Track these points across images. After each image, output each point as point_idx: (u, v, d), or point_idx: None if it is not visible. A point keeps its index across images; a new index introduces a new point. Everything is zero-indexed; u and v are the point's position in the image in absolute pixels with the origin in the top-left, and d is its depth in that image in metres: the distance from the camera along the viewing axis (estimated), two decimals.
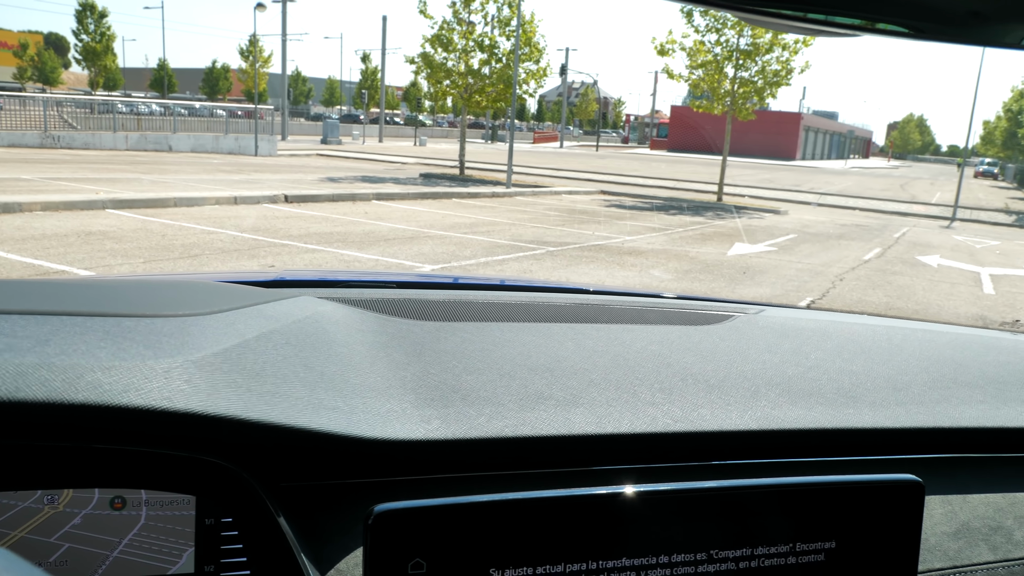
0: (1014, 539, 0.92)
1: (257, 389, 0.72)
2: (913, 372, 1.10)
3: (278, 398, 0.72)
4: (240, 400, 0.69)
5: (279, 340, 0.81)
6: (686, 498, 0.66)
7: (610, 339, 1.02)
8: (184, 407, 0.66)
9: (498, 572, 0.61)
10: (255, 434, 0.69)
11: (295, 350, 0.81)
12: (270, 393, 0.72)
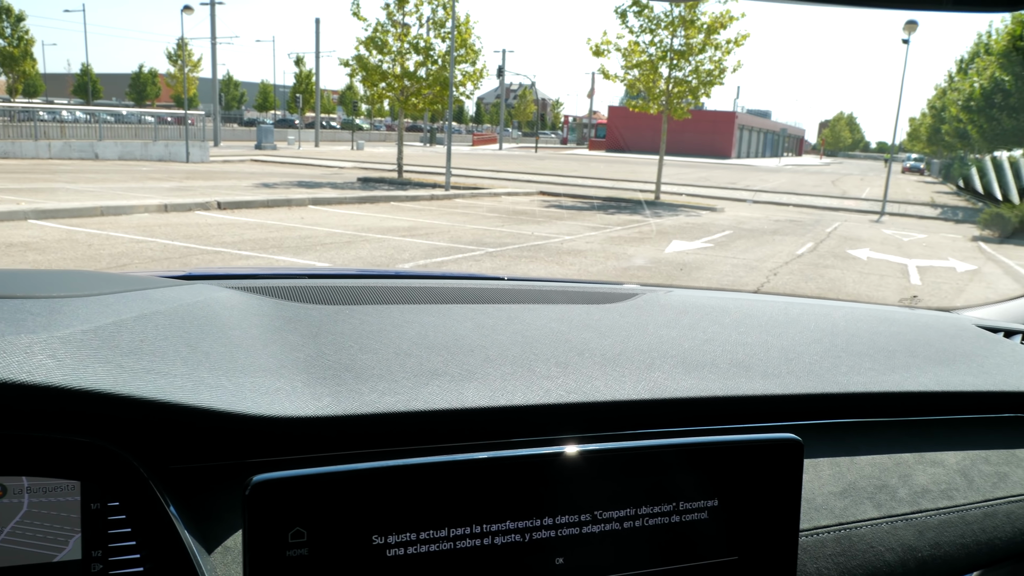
0: (898, 496, 0.96)
1: (131, 366, 0.70)
2: (806, 343, 1.13)
3: (154, 375, 0.70)
4: (110, 375, 0.67)
5: (161, 321, 0.79)
6: (568, 462, 0.67)
7: (510, 318, 1.03)
8: (45, 380, 0.64)
9: (381, 538, 0.61)
10: (128, 411, 0.67)
11: (178, 331, 0.79)
12: (145, 370, 0.70)
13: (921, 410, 1.12)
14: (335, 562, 0.59)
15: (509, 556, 0.65)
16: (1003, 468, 1.06)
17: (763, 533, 0.74)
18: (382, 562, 0.61)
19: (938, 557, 0.93)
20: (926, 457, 1.03)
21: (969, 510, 0.98)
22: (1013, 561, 1.02)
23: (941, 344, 1.22)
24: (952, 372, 1.15)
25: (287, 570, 0.58)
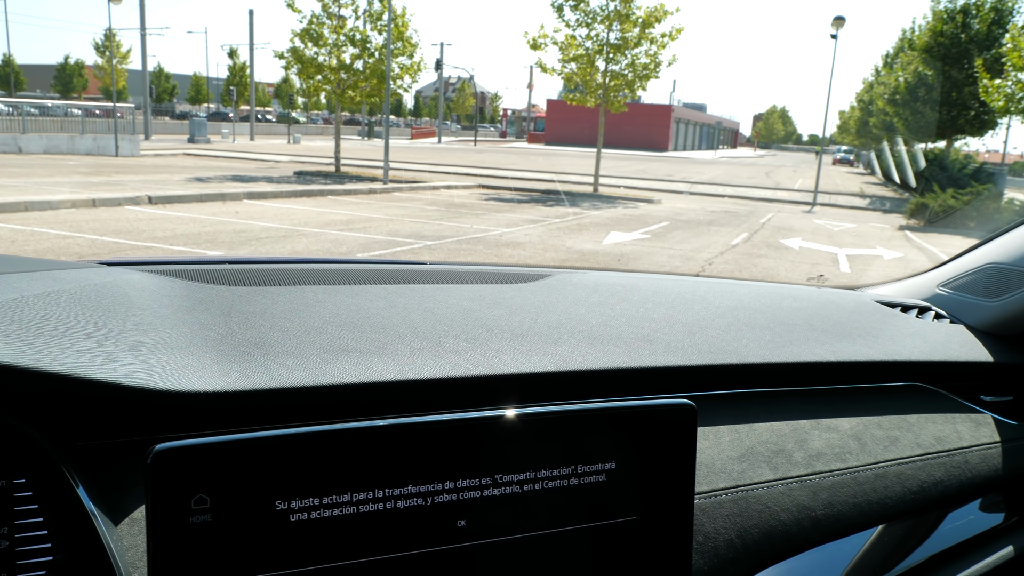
0: (793, 459, 1.01)
1: (31, 340, 0.70)
2: (710, 318, 1.18)
3: (56, 349, 0.70)
4: (8, 348, 0.67)
5: (66, 299, 0.79)
6: (470, 426, 0.70)
7: (423, 297, 1.05)
8: None
9: (284, 503, 0.63)
10: (28, 383, 0.67)
11: (84, 309, 0.79)
12: (46, 344, 0.70)
13: (818, 379, 1.18)
14: (239, 527, 0.61)
15: (412, 519, 0.67)
16: (894, 433, 1.13)
17: (660, 494, 0.78)
18: (286, 527, 0.63)
19: (831, 516, 0.98)
20: (822, 423, 1.09)
21: (861, 472, 1.04)
22: (913, 515, 1.08)
23: (839, 318, 1.29)
24: (848, 343, 1.21)
25: (190, 536, 0.60)
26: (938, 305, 1.50)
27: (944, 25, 29.06)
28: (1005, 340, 1.42)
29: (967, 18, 28.61)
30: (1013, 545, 1.16)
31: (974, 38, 28.20)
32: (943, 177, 21.19)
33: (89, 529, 0.67)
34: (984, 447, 1.20)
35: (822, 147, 28.95)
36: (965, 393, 1.30)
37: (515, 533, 0.71)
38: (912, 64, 30.94)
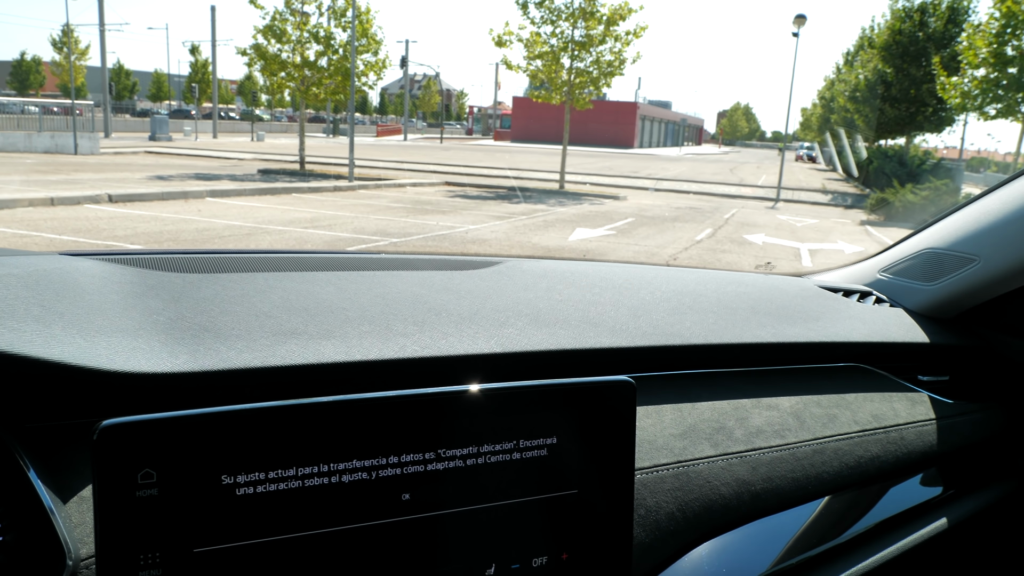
0: (734, 436, 1.05)
1: None
2: (655, 302, 1.21)
3: (3, 330, 0.70)
4: None
5: (14, 283, 0.80)
6: (412, 403, 0.72)
7: (373, 283, 1.07)
8: None
9: (230, 478, 0.64)
10: None
11: (32, 293, 0.79)
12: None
13: (759, 361, 1.21)
14: (185, 501, 0.63)
15: (357, 493, 0.69)
16: (833, 411, 1.17)
17: (601, 468, 0.80)
18: (232, 500, 0.64)
19: (770, 490, 1.02)
20: (762, 402, 1.13)
21: (800, 448, 1.08)
22: (851, 489, 1.12)
23: (782, 302, 1.33)
24: (789, 326, 1.25)
25: (137, 509, 0.61)
26: (879, 290, 1.55)
27: (902, 24, 29.60)
28: (941, 322, 1.47)
29: (924, 17, 29.17)
30: (947, 517, 1.21)
31: (931, 36, 28.77)
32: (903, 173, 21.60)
33: (38, 508, 0.68)
34: (920, 424, 1.25)
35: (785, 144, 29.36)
36: (903, 373, 1.35)
37: (459, 506, 0.74)
38: (872, 62, 31.48)
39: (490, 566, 0.76)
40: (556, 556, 0.79)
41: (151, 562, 0.62)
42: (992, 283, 1.37)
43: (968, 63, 19.70)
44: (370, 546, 0.70)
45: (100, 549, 0.60)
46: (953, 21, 28.34)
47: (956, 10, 28.53)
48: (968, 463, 1.34)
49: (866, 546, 1.09)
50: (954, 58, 23.32)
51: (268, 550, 0.66)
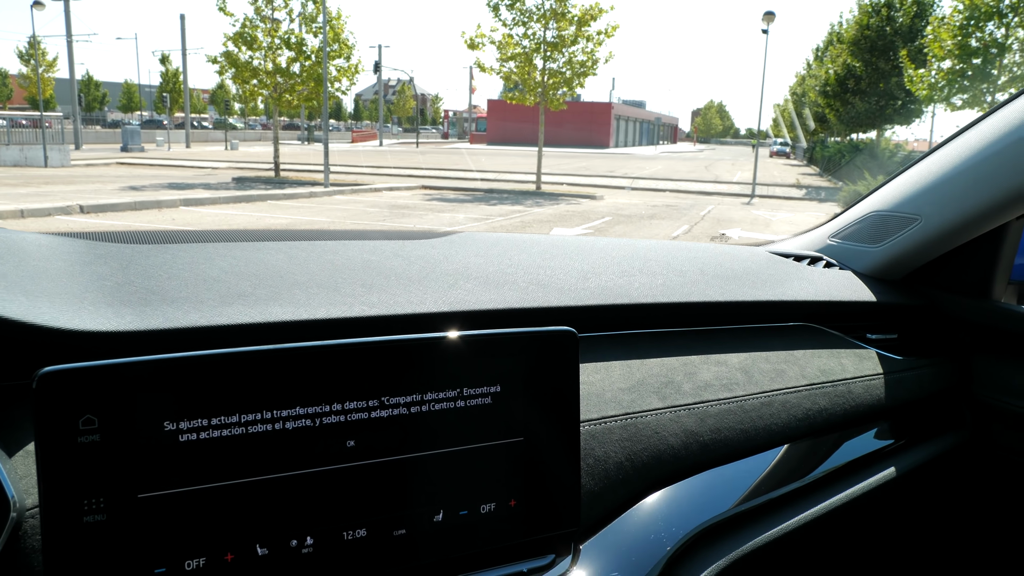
0: (682, 390, 1.07)
1: None
2: (605, 266, 1.23)
3: None
4: None
5: None
6: (354, 351, 0.73)
7: (324, 251, 1.08)
8: None
9: (172, 424, 0.66)
10: None
11: None
12: None
13: (708, 320, 1.24)
14: (128, 447, 0.64)
15: (301, 440, 0.70)
16: (781, 366, 1.20)
17: (545, 416, 0.82)
18: (175, 447, 0.66)
19: (719, 441, 1.04)
20: (711, 358, 1.15)
21: (747, 400, 1.11)
22: (800, 440, 1.15)
23: (732, 266, 1.35)
24: (738, 286, 1.27)
25: (79, 455, 0.62)
26: (828, 255, 1.59)
27: (869, 18, 29.97)
28: (889, 283, 1.51)
29: (891, 11, 29.56)
30: (896, 467, 1.24)
31: (898, 31, 29.15)
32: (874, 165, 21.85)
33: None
34: (867, 378, 1.28)
35: (758, 140, 29.64)
36: (851, 332, 1.38)
37: (404, 453, 0.75)
38: (841, 57, 31.83)
39: (438, 512, 0.77)
40: (504, 503, 0.80)
41: (95, 507, 0.63)
42: (934, 241, 1.41)
43: (934, 55, 19.98)
44: (316, 493, 0.72)
45: (43, 494, 0.61)
46: (919, 15, 28.72)
47: (922, 4, 28.93)
48: (916, 416, 1.37)
49: (816, 493, 1.12)
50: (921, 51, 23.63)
51: (213, 496, 0.67)
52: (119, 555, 0.64)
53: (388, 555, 0.75)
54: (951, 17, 19.41)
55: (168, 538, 0.66)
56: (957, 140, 1.39)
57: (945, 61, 19.87)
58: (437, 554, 0.77)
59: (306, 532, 0.71)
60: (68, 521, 0.62)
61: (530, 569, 0.82)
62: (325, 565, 0.72)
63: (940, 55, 19.66)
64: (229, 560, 0.68)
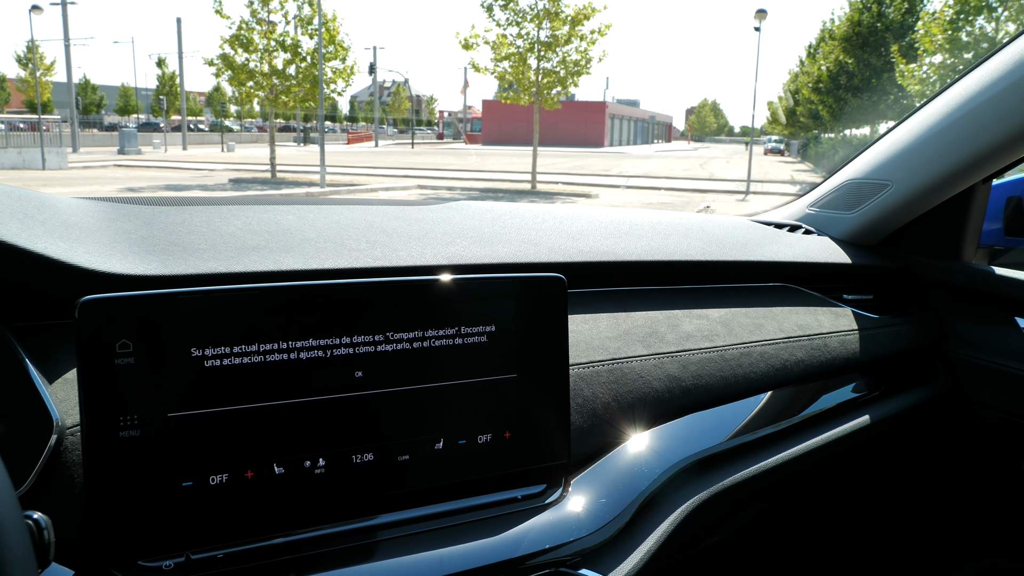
0: (665, 339, 1.15)
1: None
2: (592, 228, 1.31)
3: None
4: None
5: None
6: (362, 290, 0.81)
7: (330, 212, 1.15)
8: None
9: (199, 351, 0.73)
10: None
11: (15, 202, 0.84)
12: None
13: (690, 278, 1.32)
14: (158, 369, 0.71)
15: (313, 368, 0.78)
16: (760, 320, 1.27)
17: (537, 355, 0.90)
18: (200, 370, 0.73)
19: (700, 386, 1.12)
20: (693, 312, 1.23)
21: (728, 350, 1.18)
22: (778, 388, 1.22)
23: (713, 231, 1.43)
24: (719, 248, 1.35)
25: (116, 376, 0.70)
26: (807, 223, 1.67)
27: (861, 15, 30.11)
28: (864, 248, 1.59)
29: (882, 7, 29.70)
30: (870, 415, 1.31)
31: (889, 26, 29.28)
32: None
33: (29, 387, 0.75)
34: (843, 333, 1.36)
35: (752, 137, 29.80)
36: (828, 293, 1.46)
37: (407, 385, 0.83)
38: (833, 53, 31.97)
39: (439, 441, 0.85)
40: (499, 434, 0.88)
41: (130, 424, 0.70)
42: (904, 205, 1.49)
43: (925, 50, 20.10)
44: (327, 418, 0.79)
45: (84, 410, 0.68)
46: (910, 11, 28.86)
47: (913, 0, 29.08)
48: (890, 370, 1.45)
49: (794, 437, 1.19)
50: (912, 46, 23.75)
51: (234, 418, 0.74)
52: (151, 468, 0.71)
53: (393, 478, 0.82)
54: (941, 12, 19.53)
55: (194, 455, 0.73)
56: (924, 109, 1.47)
57: (936, 56, 19.99)
58: (438, 479, 0.85)
59: (318, 454, 0.78)
60: (106, 435, 0.69)
61: (523, 496, 0.89)
62: (335, 485, 0.79)
63: (931, 50, 19.78)
64: (249, 477, 0.75)
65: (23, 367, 0.75)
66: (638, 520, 0.96)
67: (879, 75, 29.80)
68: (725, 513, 1.16)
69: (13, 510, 0.43)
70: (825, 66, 32.90)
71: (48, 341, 0.81)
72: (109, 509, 0.69)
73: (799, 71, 43.31)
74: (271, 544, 0.76)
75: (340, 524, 0.80)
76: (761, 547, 1.44)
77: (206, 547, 0.74)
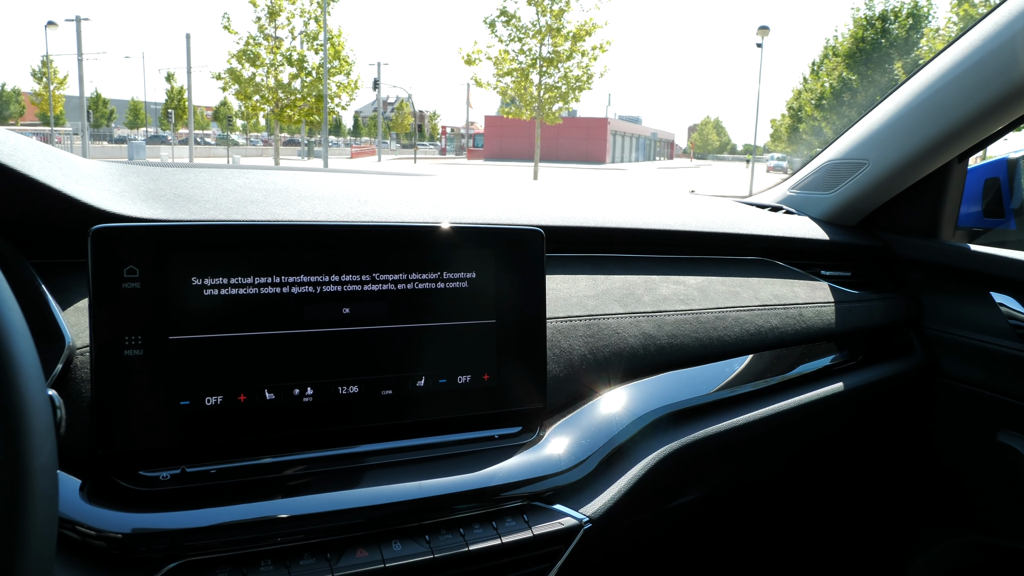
0: (642, 300, 1.20)
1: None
2: (576, 197, 1.36)
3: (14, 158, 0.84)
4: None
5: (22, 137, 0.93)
6: (351, 232, 0.87)
7: (325, 177, 1.22)
8: None
9: (199, 280, 0.79)
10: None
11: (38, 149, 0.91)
12: (9, 155, 0.84)
13: (669, 247, 1.37)
14: (161, 295, 0.77)
15: (304, 303, 0.84)
16: (736, 289, 1.33)
17: (515, 303, 0.95)
18: (200, 298, 0.79)
19: (675, 346, 1.17)
20: (671, 278, 1.28)
21: (703, 314, 1.23)
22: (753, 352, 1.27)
23: (694, 207, 1.49)
24: (697, 221, 1.41)
25: (122, 299, 0.76)
26: (788, 204, 1.73)
27: (865, 31, 30.29)
28: (843, 227, 1.64)
29: (886, 24, 29.87)
30: (844, 383, 1.36)
31: (894, 43, 29.45)
32: None
33: (45, 311, 0.81)
34: (819, 305, 1.41)
35: (754, 156, 29.96)
36: (806, 269, 1.51)
37: (391, 324, 0.89)
38: (837, 70, 32.14)
39: (420, 378, 0.90)
40: (479, 376, 0.93)
41: (134, 343, 0.76)
42: (881, 183, 1.54)
43: None
44: (316, 350, 0.85)
45: (93, 329, 0.74)
46: (915, 27, 29.04)
47: (917, 16, 29.26)
48: (866, 342, 1.50)
49: (766, 399, 1.24)
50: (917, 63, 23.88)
51: (230, 344, 0.80)
52: (152, 386, 0.77)
53: (376, 411, 0.88)
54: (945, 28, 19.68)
55: (192, 376, 0.79)
56: (899, 90, 1.52)
57: None
58: (419, 415, 0.90)
59: (307, 383, 0.84)
60: (112, 353, 0.75)
61: (500, 435, 0.95)
62: (322, 414, 0.85)
63: None
64: (242, 400, 0.81)
65: (41, 294, 0.82)
66: (611, 463, 1.01)
67: (883, 92, 29.93)
68: (698, 468, 1.21)
69: (40, 380, 0.48)
70: (829, 83, 33.07)
71: (63, 275, 0.88)
72: (113, 422, 0.75)
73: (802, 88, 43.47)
74: (261, 463, 0.82)
75: (325, 450, 0.86)
76: (736, 508, 1.49)
77: (200, 462, 0.80)
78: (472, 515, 0.88)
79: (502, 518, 0.89)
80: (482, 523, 0.88)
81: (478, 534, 0.87)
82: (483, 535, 0.87)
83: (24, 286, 0.82)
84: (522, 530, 0.89)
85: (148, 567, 0.73)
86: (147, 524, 0.74)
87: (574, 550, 0.92)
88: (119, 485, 0.76)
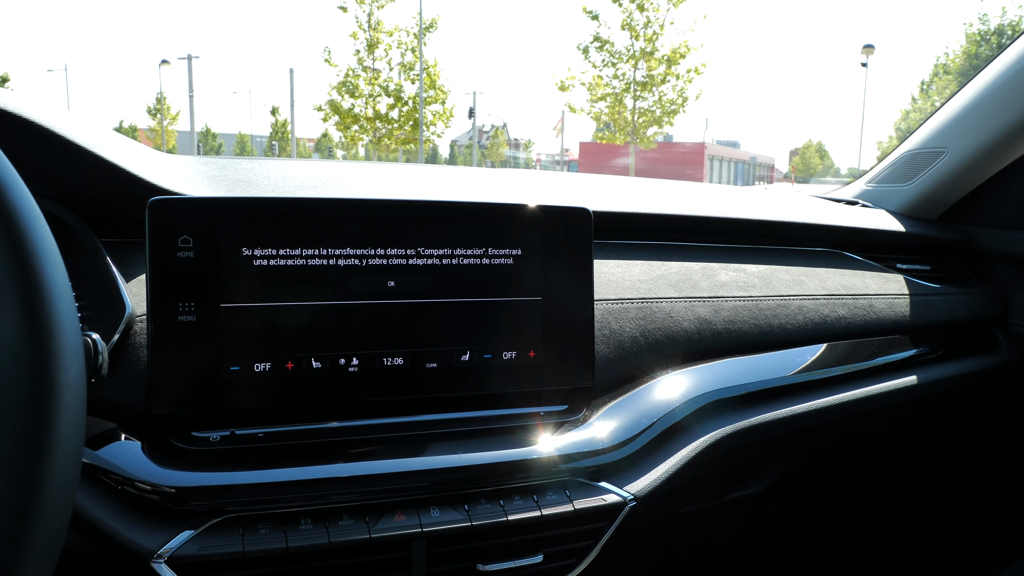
0: (698, 286, 1.17)
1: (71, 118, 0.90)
2: (635, 188, 1.35)
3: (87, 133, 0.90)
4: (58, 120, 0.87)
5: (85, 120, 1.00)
6: (395, 207, 0.89)
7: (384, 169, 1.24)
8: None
9: (249, 251, 0.83)
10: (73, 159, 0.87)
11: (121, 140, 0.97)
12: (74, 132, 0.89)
13: (732, 235, 1.33)
14: (213, 264, 0.81)
15: (350, 275, 0.86)
16: (800, 277, 1.28)
17: (562, 281, 0.95)
18: (250, 268, 0.82)
19: (732, 332, 1.14)
20: (731, 266, 1.25)
21: (764, 301, 1.19)
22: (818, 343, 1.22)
23: (766, 198, 1.45)
24: (768, 211, 1.36)
25: (177, 267, 0.80)
26: (865, 199, 1.66)
27: (978, 47, 29.02)
28: (922, 220, 1.57)
29: (1002, 39, 28.55)
30: (917, 376, 1.29)
31: None
32: None
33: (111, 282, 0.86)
34: (892, 297, 1.34)
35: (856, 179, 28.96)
36: (881, 263, 1.45)
37: (436, 298, 0.90)
38: (948, 88, 30.86)
39: (465, 353, 0.92)
40: (524, 353, 0.94)
41: (187, 310, 0.80)
42: (961, 171, 1.46)
43: None
44: (362, 321, 0.87)
45: (150, 295, 0.79)
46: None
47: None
48: (946, 338, 1.42)
49: (828, 389, 1.19)
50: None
51: (279, 313, 0.84)
52: (204, 352, 0.81)
53: (420, 383, 0.89)
54: None
55: (242, 343, 0.82)
56: (981, 74, 1.45)
57: None
58: (463, 389, 0.91)
59: (353, 353, 0.87)
60: (167, 317, 0.79)
61: (545, 412, 0.95)
62: (367, 384, 0.87)
63: None
64: (289, 368, 0.84)
65: (106, 266, 0.87)
66: (661, 443, 0.99)
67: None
68: (757, 457, 1.17)
69: (69, 304, 0.52)
70: (940, 102, 31.78)
71: (131, 251, 0.93)
72: (167, 384, 0.79)
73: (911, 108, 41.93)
74: (307, 428, 0.85)
75: (369, 419, 0.88)
76: (803, 507, 1.43)
77: (249, 425, 0.83)
78: (513, 487, 0.88)
79: (543, 491, 0.89)
80: (523, 495, 0.88)
81: (518, 505, 0.87)
82: (523, 506, 0.87)
83: (90, 257, 0.87)
84: (563, 503, 0.88)
85: (196, 519, 0.76)
86: (197, 481, 0.77)
87: (618, 529, 0.91)
88: (173, 445, 0.80)
